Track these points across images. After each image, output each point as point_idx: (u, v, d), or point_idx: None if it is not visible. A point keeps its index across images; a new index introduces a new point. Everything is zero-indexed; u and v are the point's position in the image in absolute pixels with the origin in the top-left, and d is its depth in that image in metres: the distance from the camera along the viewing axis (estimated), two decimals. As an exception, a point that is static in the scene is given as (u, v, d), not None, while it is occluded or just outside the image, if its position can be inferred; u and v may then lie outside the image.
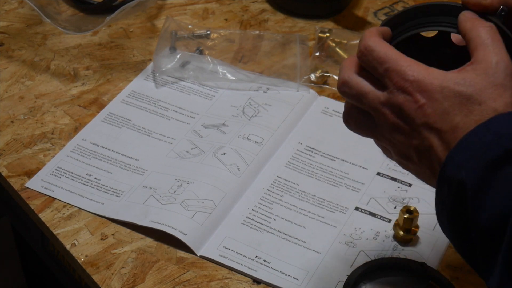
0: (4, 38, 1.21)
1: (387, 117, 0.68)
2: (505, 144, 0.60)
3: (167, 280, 0.89)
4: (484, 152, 0.61)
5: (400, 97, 0.66)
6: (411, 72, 0.66)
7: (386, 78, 0.67)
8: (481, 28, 0.67)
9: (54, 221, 0.95)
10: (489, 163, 0.60)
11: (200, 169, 1.00)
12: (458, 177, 0.62)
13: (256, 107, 1.10)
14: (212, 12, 1.28)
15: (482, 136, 0.62)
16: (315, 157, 1.04)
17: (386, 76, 0.67)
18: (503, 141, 0.61)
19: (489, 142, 0.61)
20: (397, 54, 0.67)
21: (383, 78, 0.68)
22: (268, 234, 0.94)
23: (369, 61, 0.68)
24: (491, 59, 0.65)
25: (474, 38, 0.67)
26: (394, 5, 1.31)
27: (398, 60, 0.67)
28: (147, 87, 1.13)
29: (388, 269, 0.90)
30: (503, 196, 0.60)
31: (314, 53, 1.18)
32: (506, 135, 0.61)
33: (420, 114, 0.66)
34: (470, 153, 0.62)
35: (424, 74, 0.66)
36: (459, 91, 0.65)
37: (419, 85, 0.65)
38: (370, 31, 0.70)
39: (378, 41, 0.68)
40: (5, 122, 1.07)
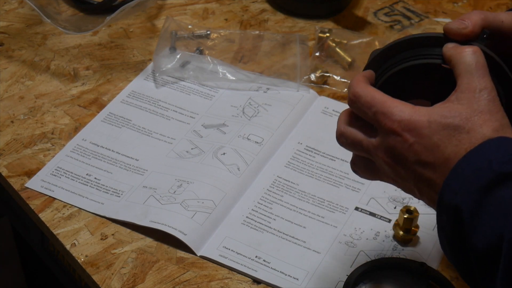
0: (4, 38, 1.21)
1: (383, 160, 0.70)
2: (495, 168, 0.63)
3: (167, 280, 0.89)
4: (476, 177, 0.63)
5: (390, 139, 0.69)
6: (398, 112, 0.68)
7: (375, 122, 0.70)
8: (464, 53, 0.69)
9: (54, 221, 0.95)
10: (482, 188, 0.63)
11: (200, 169, 1.00)
12: (454, 203, 0.64)
13: (256, 107, 1.10)
14: (212, 12, 1.28)
15: (473, 162, 0.64)
16: (315, 157, 1.04)
17: (375, 119, 0.70)
18: (493, 165, 0.63)
19: (481, 167, 0.63)
20: (383, 97, 0.70)
21: (373, 122, 0.70)
22: (268, 234, 0.94)
23: (359, 107, 0.71)
24: (475, 86, 0.67)
25: (458, 65, 0.69)
26: (394, 5, 1.31)
27: (384, 102, 0.69)
28: (147, 87, 1.13)
29: (388, 269, 0.90)
30: (496, 218, 0.61)
31: (314, 53, 1.18)
32: (496, 159, 0.63)
33: (412, 152, 0.68)
34: (464, 179, 0.64)
35: (410, 113, 0.68)
36: (446, 123, 0.67)
37: (406, 125, 0.68)
38: (356, 78, 0.73)
39: (364, 86, 0.71)
40: (5, 122, 1.07)
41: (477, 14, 0.72)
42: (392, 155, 0.69)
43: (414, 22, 1.27)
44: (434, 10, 1.30)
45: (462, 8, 1.30)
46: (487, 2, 1.31)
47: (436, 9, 1.30)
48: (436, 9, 1.30)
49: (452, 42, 0.72)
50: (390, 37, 1.23)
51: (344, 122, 0.74)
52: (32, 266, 1.50)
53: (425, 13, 1.29)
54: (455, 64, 0.69)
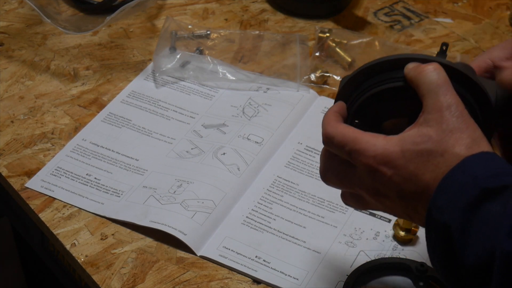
0: (4, 38, 1.21)
1: (368, 195, 0.70)
2: (480, 183, 0.63)
3: (167, 280, 0.89)
4: (462, 193, 0.63)
5: (369, 175, 0.69)
6: (371, 147, 0.68)
7: (352, 160, 0.70)
8: (424, 72, 0.69)
9: (54, 221, 0.95)
10: (468, 204, 0.63)
11: (200, 169, 1.00)
12: (442, 221, 0.64)
13: (256, 107, 1.10)
14: (212, 12, 1.28)
15: (457, 179, 0.64)
16: (315, 157, 1.04)
17: (351, 157, 0.70)
18: (478, 181, 0.63)
19: (465, 184, 0.63)
20: (354, 133, 0.70)
21: (350, 159, 0.70)
22: (268, 234, 0.94)
23: (333, 148, 0.72)
24: (440, 105, 0.67)
25: (420, 85, 0.69)
26: (394, 5, 1.31)
27: (355, 139, 0.69)
28: (147, 87, 1.13)
29: (388, 269, 0.90)
30: (486, 234, 0.61)
31: (314, 53, 1.18)
32: (480, 175, 0.63)
33: (392, 185, 0.68)
34: (449, 196, 0.64)
35: (383, 145, 0.68)
36: (419, 150, 0.66)
37: (381, 158, 0.67)
38: (327, 117, 0.73)
39: (334, 125, 0.72)
40: (5, 122, 1.07)
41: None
42: (374, 191, 0.69)
43: (414, 22, 1.27)
44: (434, 10, 1.30)
45: (462, 8, 1.30)
46: (487, 2, 1.31)
47: (436, 9, 1.30)
48: (436, 9, 1.30)
49: (414, 62, 0.71)
50: (390, 37, 1.23)
51: (324, 161, 0.74)
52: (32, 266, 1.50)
53: (425, 13, 1.29)
54: (418, 85, 0.69)
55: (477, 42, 1.23)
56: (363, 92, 0.74)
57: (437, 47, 1.21)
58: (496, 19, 1.28)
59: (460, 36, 1.24)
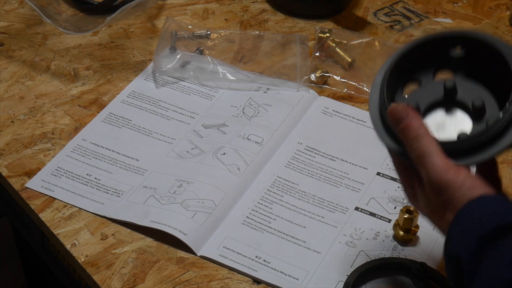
0: (4, 38, 1.21)
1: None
2: (496, 218, 0.65)
3: (167, 280, 0.89)
4: (478, 227, 0.66)
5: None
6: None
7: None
8: (411, 145, 0.72)
9: (54, 221, 0.95)
10: (484, 237, 0.65)
11: (200, 169, 1.00)
12: (456, 253, 0.67)
13: (256, 107, 1.10)
14: (212, 12, 1.28)
15: (473, 212, 0.67)
16: (315, 157, 1.04)
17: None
18: (494, 216, 0.65)
19: (480, 218, 0.66)
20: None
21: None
22: (268, 234, 0.94)
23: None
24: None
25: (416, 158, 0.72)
26: (394, 5, 1.31)
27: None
28: (147, 87, 1.13)
29: (388, 269, 0.90)
30: (499, 266, 0.63)
31: (314, 53, 1.18)
32: (497, 210, 0.66)
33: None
34: (464, 228, 0.67)
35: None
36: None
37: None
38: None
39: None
40: (5, 122, 1.07)
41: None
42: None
43: (414, 22, 1.27)
44: (434, 10, 1.30)
45: (462, 8, 1.30)
46: (487, 2, 1.31)
47: (436, 9, 1.30)
48: (436, 9, 1.30)
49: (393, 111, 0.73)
50: (390, 37, 1.23)
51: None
52: (32, 266, 1.50)
53: (425, 13, 1.29)
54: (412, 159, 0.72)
55: (477, 42, 1.23)
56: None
57: (437, 47, 1.21)
58: (496, 19, 1.28)
59: (460, 36, 1.24)
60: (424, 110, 0.74)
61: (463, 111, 0.73)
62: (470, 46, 0.74)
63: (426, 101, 0.74)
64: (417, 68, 0.76)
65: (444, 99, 0.74)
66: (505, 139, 0.69)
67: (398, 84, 0.76)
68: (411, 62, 0.76)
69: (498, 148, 0.69)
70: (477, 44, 0.73)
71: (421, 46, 0.75)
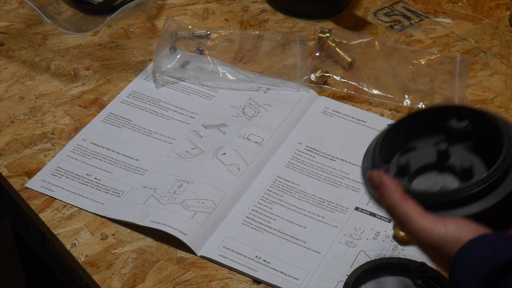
0: (4, 38, 1.21)
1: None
2: (499, 256, 0.64)
3: (167, 280, 0.89)
4: (481, 266, 0.64)
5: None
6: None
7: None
8: (390, 213, 0.71)
9: (54, 221, 0.95)
10: (487, 276, 0.64)
11: (200, 169, 1.00)
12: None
13: (256, 107, 1.10)
14: (212, 12, 1.28)
15: (477, 251, 0.65)
16: (315, 157, 1.04)
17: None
18: (496, 254, 0.64)
19: (484, 256, 0.65)
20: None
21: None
22: (268, 234, 0.94)
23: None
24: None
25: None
26: (394, 5, 1.31)
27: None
28: (147, 87, 1.13)
29: (388, 269, 0.90)
30: None
31: (314, 53, 1.18)
32: (498, 249, 0.65)
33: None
34: (467, 268, 0.65)
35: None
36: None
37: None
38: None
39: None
40: (5, 122, 1.07)
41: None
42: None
43: (414, 22, 1.27)
44: (434, 10, 1.30)
45: (462, 8, 1.30)
46: (487, 2, 1.31)
47: (436, 9, 1.30)
48: (436, 9, 1.30)
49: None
50: (390, 37, 1.23)
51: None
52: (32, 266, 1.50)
53: (425, 13, 1.29)
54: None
55: (477, 42, 1.23)
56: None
57: (437, 47, 1.21)
58: (496, 19, 1.28)
59: (460, 36, 1.24)
60: (415, 171, 0.74)
61: (453, 175, 0.73)
62: (471, 119, 0.75)
63: (418, 163, 0.74)
64: (415, 134, 0.77)
65: (436, 162, 0.74)
66: (492, 196, 0.69)
67: (394, 149, 0.77)
68: (409, 128, 0.77)
69: (483, 204, 0.68)
70: (479, 118, 0.74)
71: (422, 114, 0.76)
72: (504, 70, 1.18)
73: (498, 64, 1.18)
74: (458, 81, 1.14)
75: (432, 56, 1.18)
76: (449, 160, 0.74)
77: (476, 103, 1.12)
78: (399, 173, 0.74)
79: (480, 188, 0.68)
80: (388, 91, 1.12)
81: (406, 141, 0.77)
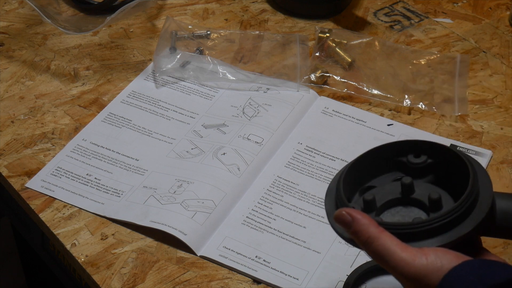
0: (4, 38, 1.21)
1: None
2: (486, 281, 0.63)
3: (167, 280, 0.89)
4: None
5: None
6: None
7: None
8: (367, 249, 0.69)
9: (54, 221, 0.95)
10: None
11: (200, 169, 1.00)
12: None
13: (256, 107, 1.10)
14: (212, 12, 1.28)
15: (463, 276, 0.64)
16: (315, 157, 1.04)
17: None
18: (484, 279, 0.63)
19: (471, 281, 0.64)
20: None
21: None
22: (268, 234, 0.94)
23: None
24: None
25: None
26: (394, 5, 1.31)
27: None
28: (147, 87, 1.13)
29: (388, 269, 0.90)
30: None
31: (314, 53, 1.18)
32: (484, 274, 0.64)
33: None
34: None
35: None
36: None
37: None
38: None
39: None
40: (5, 122, 1.07)
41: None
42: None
43: (414, 22, 1.27)
44: (434, 10, 1.30)
45: (462, 8, 1.30)
46: (487, 2, 1.31)
47: (436, 9, 1.30)
48: (436, 9, 1.30)
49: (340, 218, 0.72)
50: (390, 37, 1.23)
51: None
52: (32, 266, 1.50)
53: (425, 13, 1.29)
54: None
55: (477, 42, 1.23)
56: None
57: (437, 47, 1.21)
58: (496, 19, 1.28)
59: (460, 36, 1.24)
60: (381, 206, 0.74)
61: (420, 209, 0.73)
62: (428, 153, 0.75)
63: (383, 199, 0.74)
64: (374, 172, 0.77)
65: (401, 196, 0.74)
66: (466, 223, 0.69)
67: (353, 188, 0.76)
68: (367, 166, 0.76)
69: (460, 231, 0.68)
70: (435, 152, 0.74)
71: (379, 150, 0.76)
72: (504, 70, 1.18)
73: (498, 64, 1.18)
74: (458, 81, 1.14)
75: (432, 56, 1.18)
76: (413, 194, 0.73)
77: (476, 103, 1.12)
78: (366, 209, 0.73)
79: (455, 216, 0.68)
80: (388, 91, 1.12)
81: (363, 180, 0.76)
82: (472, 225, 0.68)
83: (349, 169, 0.75)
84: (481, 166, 0.72)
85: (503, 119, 1.09)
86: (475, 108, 1.11)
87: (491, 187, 0.70)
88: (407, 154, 0.75)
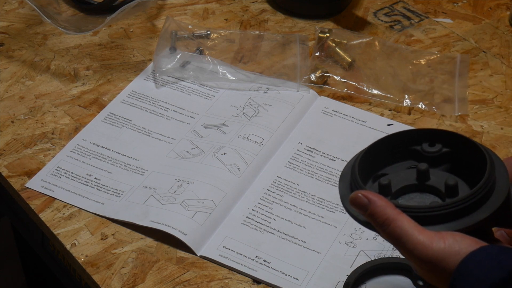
0: (4, 38, 1.21)
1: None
2: (505, 265, 0.63)
3: (167, 280, 0.89)
4: (487, 276, 0.63)
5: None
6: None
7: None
8: (383, 230, 0.68)
9: (54, 221, 0.95)
10: (493, 286, 0.62)
11: (200, 169, 1.00)
12: None
13: (256, 107, 1.10)
14: (212, 12, 1.28)
15: (482, 261, 0.64)
16: (315, 157, 1.04)
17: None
18: (503, 263, 0.63)
19: (490, 266, 0.63)
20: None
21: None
22: (268, 234, 0.94)
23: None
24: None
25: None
26: (394, 5, 1.31)
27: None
28: (147, 87, 1.13)
29: (388, 269, 0.90)
30: None
31: (314, 53, 1.18)
32: (504, 259, 0.63)
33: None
34: (473, 278, 0.63)
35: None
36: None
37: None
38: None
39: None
40: (5, 122, 1.07)
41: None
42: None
43: (414, 22, 1.27)
44: (434, 10, 1.30)
45: (462, 8, 1.30)
46: (487, 2, 1.31)
47: (436, 9, 1.30)
48: (436, 9, 1.30)
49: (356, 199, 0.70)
50: (390, 37, 1.23)
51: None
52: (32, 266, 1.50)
53: (425, 13, 1.29)
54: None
55: (477, 42, 1.23)
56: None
57: (437, 47, 1.21)
58: (496, 19, 1.28)
59: (460, 36, 1.24)
60: (396, 191, 0.73)
61: (435, 196, 0.73)
62: (443, 142, 0.75)
63: (399, 184, 0.73)
64: (388, 160, 0.76)
65: (417, 183, 0.73)
66: (483, 209, 0.68)
67: (367, 175, 0.76)
68: (381, 153, 0.76)
69: (477, 217, 0.68)
70: (450, 141, 0.74)
71: (394, 137, 0.76)
72: (504, 70, 1.18)
73: (498, 64, 1.18)
74: (458, 81, 1.14)
75: (432, 56, 1.18)
76: (429, 181, 0.73)
77: (476, 103, 1.12)
78: (381, 193, 0.72)
79: (473, 201, 0.67)
80: (388, 91, 1.12)
81: (377, 167, 0.76)
82: (489, 211, 0.67)
83: (364, 154, 0.74)
84: (497, 156, 0.72)
85: (503, 119, 1.09)
86: (475, 108, 1.11)
87: (507, 176, 0.70)
88: (421, 142, 0.75)
